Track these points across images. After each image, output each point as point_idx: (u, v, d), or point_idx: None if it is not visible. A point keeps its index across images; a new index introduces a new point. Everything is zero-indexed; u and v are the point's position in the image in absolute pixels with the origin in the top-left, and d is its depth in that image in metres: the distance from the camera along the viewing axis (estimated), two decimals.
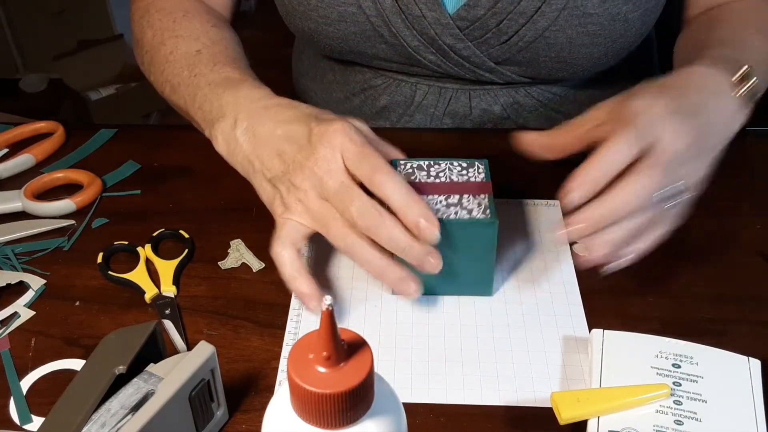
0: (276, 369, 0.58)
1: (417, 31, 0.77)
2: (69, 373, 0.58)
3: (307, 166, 0.59)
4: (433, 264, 0.57)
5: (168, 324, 0.61)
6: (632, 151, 0.56)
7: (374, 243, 0.58)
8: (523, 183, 0.74)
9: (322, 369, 0.36)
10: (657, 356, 0.55)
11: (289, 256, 0.60)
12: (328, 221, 0.58)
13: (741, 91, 0.63)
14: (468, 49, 0.77)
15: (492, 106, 0.84)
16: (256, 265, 0.67)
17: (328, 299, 0.35)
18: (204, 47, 0.74)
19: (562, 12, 0.73)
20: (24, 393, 0.56)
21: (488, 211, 0.60)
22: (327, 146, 0.58)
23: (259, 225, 0.71)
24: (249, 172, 0.64)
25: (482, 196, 0.61)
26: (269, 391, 0.56)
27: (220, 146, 0.66)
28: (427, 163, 0.65)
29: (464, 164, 0.65)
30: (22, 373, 0.58)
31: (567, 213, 0.56)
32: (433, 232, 0.56)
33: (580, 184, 0.55)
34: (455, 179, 0.63)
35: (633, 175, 0.56)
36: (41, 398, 0.56)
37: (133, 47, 0.84)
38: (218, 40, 0.76)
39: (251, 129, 0.63)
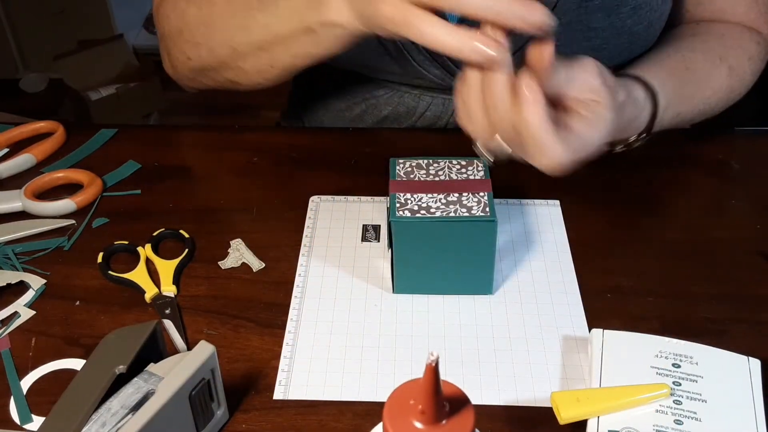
0: (276, 369, 0.58)
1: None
2: (69, 373, 0.58)
3: None
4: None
5: (168, 324, 0.61)
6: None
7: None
8: (523, 183, 0.74)
9: (418, 425, 0.34)
10: (657, 356, 0.55)
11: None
12: None
13: (632, 142, 0.69)
14: None
15: None
16: (256, 265, 0.67)
17: (434, 354, 0.34)
18: None
19: (567, 27, 0.72)
20: (24, 393, 0.56)
21: (488, 209, 0.60)
22: None
23: (259, 225, 0.71)
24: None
25: (482, 194, 0.61)
26: (269, 390, 0.56)
27: (344, 11, 0.60)
28: (426, 161, 0.65)
29: (463, 162, 0.65)
30: (22, 373, 0.58)
31: None
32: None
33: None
34: (454, 177, 0.63)
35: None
36: (41, 398, 0.56)
37: (167, 40, 0.77)
38: None
39: None
